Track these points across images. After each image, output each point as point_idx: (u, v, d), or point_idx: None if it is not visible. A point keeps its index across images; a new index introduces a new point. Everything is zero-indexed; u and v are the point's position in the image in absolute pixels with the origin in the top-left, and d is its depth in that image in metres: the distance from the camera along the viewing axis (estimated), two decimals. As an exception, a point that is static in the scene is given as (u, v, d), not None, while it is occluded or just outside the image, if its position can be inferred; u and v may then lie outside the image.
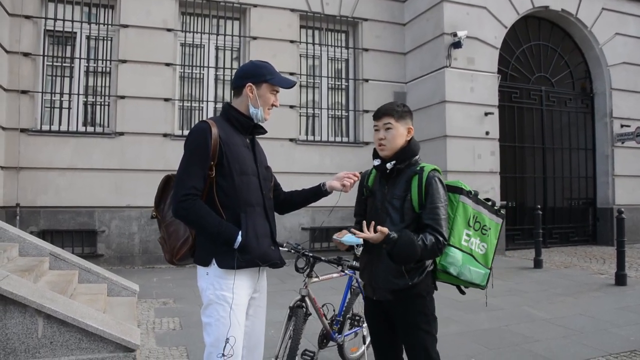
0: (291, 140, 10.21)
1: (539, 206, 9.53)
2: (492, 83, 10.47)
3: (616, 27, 12.00)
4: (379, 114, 2.64)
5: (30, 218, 8.64)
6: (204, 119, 2.48)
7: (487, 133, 10.28)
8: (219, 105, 9.99)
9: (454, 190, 2.65)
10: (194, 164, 2.34)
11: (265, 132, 2.66)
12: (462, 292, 2.81)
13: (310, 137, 10.65)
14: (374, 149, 2.68)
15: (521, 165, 11.70)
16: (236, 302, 2.35)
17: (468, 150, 10.08)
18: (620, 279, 7.43)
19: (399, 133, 2.59)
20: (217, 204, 2.38)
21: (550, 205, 11.89)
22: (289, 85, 2.62)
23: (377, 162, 2.66)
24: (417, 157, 2.64)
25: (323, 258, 3.36)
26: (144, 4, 9.44)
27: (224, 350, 2.28)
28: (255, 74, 2.53)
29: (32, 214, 8.65)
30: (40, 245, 6.07)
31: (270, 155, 10.26)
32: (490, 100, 10.42)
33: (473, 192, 2.67)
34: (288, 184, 3.76)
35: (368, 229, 2.42)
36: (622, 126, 11.90)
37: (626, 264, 7.89)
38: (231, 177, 2.39)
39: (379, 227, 2.40)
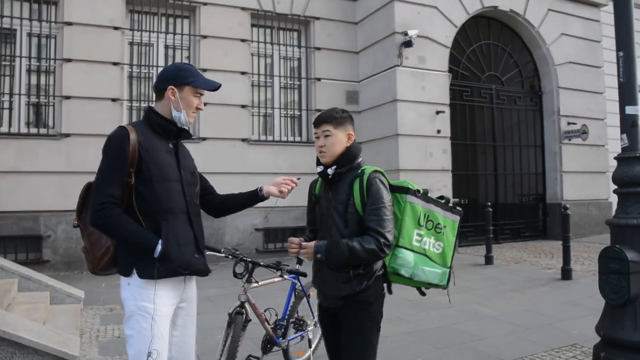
0: (243, 140, 10.09)
1: (489, 203, 9.69)
2: (443, 82, 10.60)
3: (561, 28, 12.33)
4: (318, 122, 2.62)
5: (-31, 224, 8.27)
6: (123, 124, 2.38)
7: (438, 131, 10.40)
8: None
9: (400, 190, 2.62)
10: (111, 171, 2.26)
11: (190, 136, 2.58)
12: (422, 294, 2.78)
13: (263, 137, 10.56)
14: (317, 156, 2.64)
15: (473, 162, 11.88)
16: (158, 313, 2.28)
17: (420, 148, 10.18)
18: (566, 274, 7.62)
19: (338, 140, 2.57)
20: (136, 212, 2.30)
21: (501, 202, 12.12)
22: (213, 87, 2.56)
23: (319, 168, 2.63)
24: (358, 160, 2.61)
25: (262, 263, 3.30)
26: (89, 0, 9.14)
27: None
28: (177, 77, 2.45)
29: (-29, 219, 8.29)
30: (-25, 254, 5.82)
31: (222, 156, 10.09)
32: (442, 98, 10.54)
33: (422, 191, 2.64)
34: (241, 185, 3.68)
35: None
36: (568, 124, 12.26)
37: (572, 258, 8.11)
38: (151, 184, 2.31)
39: (303, 244, 2.47)
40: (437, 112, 10.38)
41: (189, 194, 2.47)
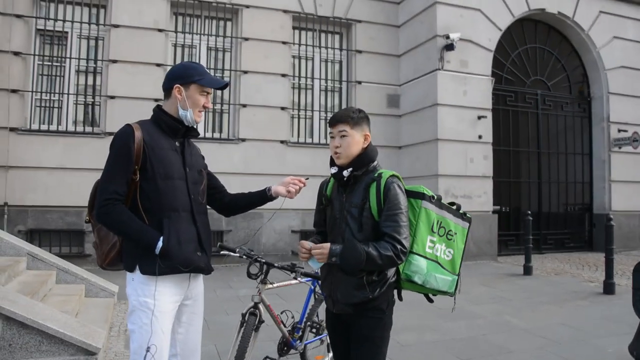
0: (282, 142, 10.16)
1: (529, 212, 9.39)
2: (485, 86, 10.37)
3: (614, 31, 11.87)
4: (333, 121, 2.55)
5: (18, 217, 8.63)
6: (130, 122, 2.43)
7: (480, 137, 10.19)
8: (210, 106, 9.94)
9: (415, 195, 2.54)
10: (116, 168, 2.31)
11: (198, 134, 2.60)
12: (430, 300, 2.72)
13: (302, 139, 10.60)
14: (331, 157, 2.59)
15: (516, 169, 11.59)
16: (159, 309, 2.31)
17: (460, 154, 9.99)
18: (609, 288, 7.30)
19: (355, 140, 2.50)
20: (140, 209, 2.34)
21: (545, 211, 11.77)
22: (219, 85, 2.58)
23: (334, 170, 2.56)
24: (374, 163, 2.55)
25: (276, 264, 3.30)
26: (135, 4, 9.43)
27: (145, 358, 2.23)
28: (184, 75, 2.47)
29: (20, 213, 8.65)
30: (18, 245, 6.04)
31: (261, 157, 10.16)
32: (484, 103, 10.33)
33: (436, 197, 2.58)
34: None
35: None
36: (619, 131, 11.78)
37: (618, 271, 7.79)
38: (154, 181, 2.35)
39: (318, 244, 2.38)
40: (479, 117, 10.18)
41: (193, 192, 2.48)
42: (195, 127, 2.55)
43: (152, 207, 2.35)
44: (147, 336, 2.26)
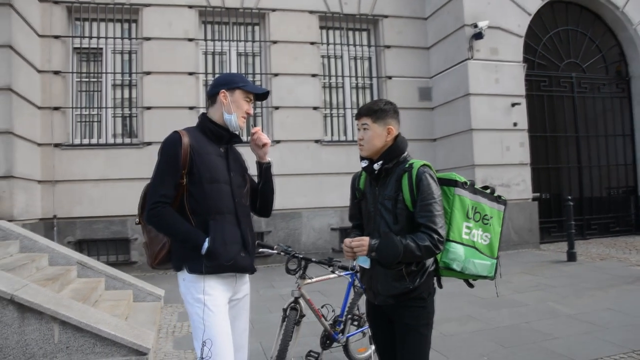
0: (316, 141, 10.24)
1: (570, 197, 9.20)
2: (518, 73, 10.22)
3: (651, 6, 11.50)
4: (358, 114, 2.60)
5: (67, 229, 8.98)
6: (177, 129, 2.53)
7: (515, 124, 10.05)
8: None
9: (448, 183, 2.56)
10: (165, 173, 2.43)
11: (241, 141, 2.71)
12: (471, 285, 2.73)
13: (336, 138, 10.67)
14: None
15: (554, 155, 11.38)
16: (212, 303, 2.41)
17: (495, 142, 9.88)
18: (657, 269, 7.14)
19: (376, 133, 2.52)
20: (187, 211, 2.46)
21: (587, 195, 11.51)
22: (262, 92, 2.70)
23: (364, 163, 2.58)
24: (405, 154, 2.56)
25: (314, 259, 3.37)
26: (165, 16, 9.68)
27: (202, 353, 2.33)
28: (229, 82, 2.61)
29: (68, 224, 9.00)
30: (69, 255, 6.32)
31: (296, 158, 10.36)
32: (517, 90, 10.18)
33: (468, 183, 2.59)
34: (315, 185, 3.57)
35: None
36: (662, 109, 11.42)
37: (668, 253, 7.57)
38: (201, 185, 2.46)
39: (358, 238, 2.40)
40: (513, 105, 10.04)
41: (237, 196, 2.58)
42: (239, 133, 2.65)
43: (198, 209, 2.46)
44: (201, 332, 2.36)
